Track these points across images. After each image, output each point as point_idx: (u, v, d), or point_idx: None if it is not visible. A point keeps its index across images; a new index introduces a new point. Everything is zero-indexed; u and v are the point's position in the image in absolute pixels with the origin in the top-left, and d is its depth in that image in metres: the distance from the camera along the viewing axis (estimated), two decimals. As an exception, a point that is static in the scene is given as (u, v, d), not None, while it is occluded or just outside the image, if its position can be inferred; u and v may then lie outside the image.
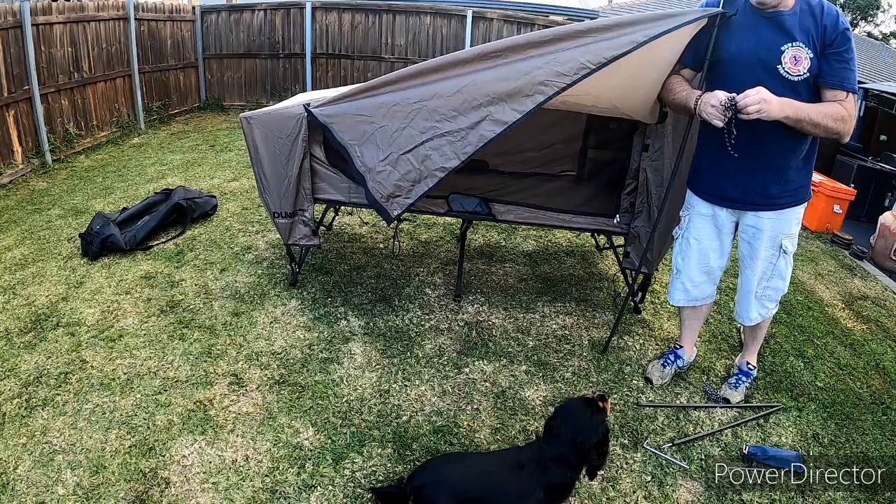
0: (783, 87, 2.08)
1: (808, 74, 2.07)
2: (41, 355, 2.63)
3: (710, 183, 2.40)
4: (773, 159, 2.21)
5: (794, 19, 2.08)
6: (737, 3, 2.17)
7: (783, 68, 2.08)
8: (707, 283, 2.58)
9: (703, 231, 2.48)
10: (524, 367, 2.73)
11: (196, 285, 3.29)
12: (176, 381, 2.49)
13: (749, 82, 2.09)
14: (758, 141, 2.19)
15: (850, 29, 2.07)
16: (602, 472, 2.08)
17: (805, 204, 2.35)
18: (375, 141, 2.55)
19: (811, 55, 2.05)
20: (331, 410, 2.38)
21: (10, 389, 2.40)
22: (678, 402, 2.58)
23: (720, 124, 2.07)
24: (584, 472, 1.87)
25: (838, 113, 2.06)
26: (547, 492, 1.78)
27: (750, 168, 2.25)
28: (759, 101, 1.97)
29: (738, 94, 2.01)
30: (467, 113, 2.39)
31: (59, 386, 2.43)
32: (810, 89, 2.10)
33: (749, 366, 2.71)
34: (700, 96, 2.14)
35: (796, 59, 2.06)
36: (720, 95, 2.05)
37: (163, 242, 3.82)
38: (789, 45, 2.07)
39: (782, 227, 2.33)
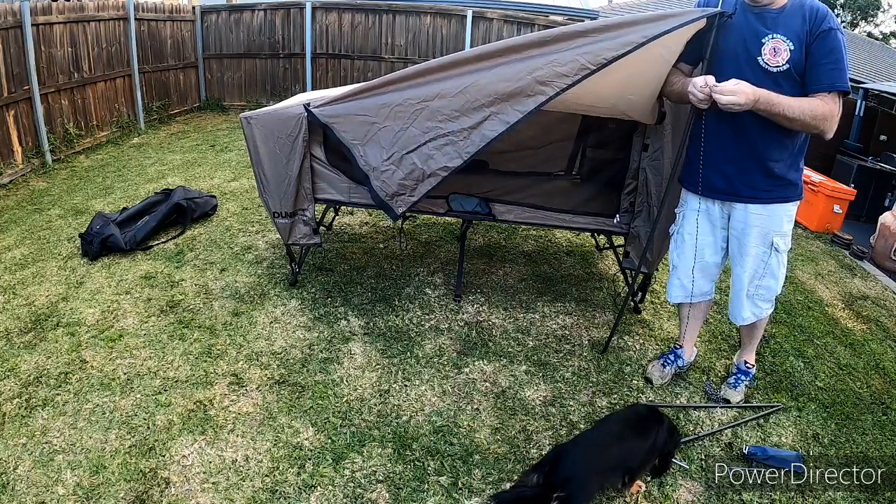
0: (764, 77, 2.12)
1: (788, 66, 2.09)
2: (41, 355, 2.63)
3: (699, 174, 2.42)
4: (756, 151, 2.24)
5: (779, 15, 2.12)
6: (731, 2, 2.19)
7: (763, 59, 2.12)
8: (703, 279, 2.58)
9: (696, 226, 2.49)
10: (524, 367, 2.73)
11: (196, 285, 3.29)
12: (176, 381, 2.49)
13: (730, 73, 2.13)
14: (741, 132, 2.23)
15: (839, 29, 2.08)
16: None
17: (797, 203, 2.35)
18: (379, 140, 2.58)
19: (792, 47, 2.08)
20: (331, 410, 2.38)
21: (10, 389, 2.40)
22: (678, 402, 2.58)
23: (704, 106, 2.13)
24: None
25: (817, 110, 2.04)
26: (669, 433, 2.07)
27: (734, 158, 2.28)
28: (731, 93, 2.01)
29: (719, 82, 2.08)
30: (470, 113, 2.42)
31: (59, 386, 2.43)
32: (791, 81, 2.12)
33: (747, 364, 2.70)
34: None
35: (775, 51, 2.10)
36: (701, 81, 2.10)
37: (163, 242, 3.82)
38: (769, 37, 2.11)
39: (772, 223, 2.33)
